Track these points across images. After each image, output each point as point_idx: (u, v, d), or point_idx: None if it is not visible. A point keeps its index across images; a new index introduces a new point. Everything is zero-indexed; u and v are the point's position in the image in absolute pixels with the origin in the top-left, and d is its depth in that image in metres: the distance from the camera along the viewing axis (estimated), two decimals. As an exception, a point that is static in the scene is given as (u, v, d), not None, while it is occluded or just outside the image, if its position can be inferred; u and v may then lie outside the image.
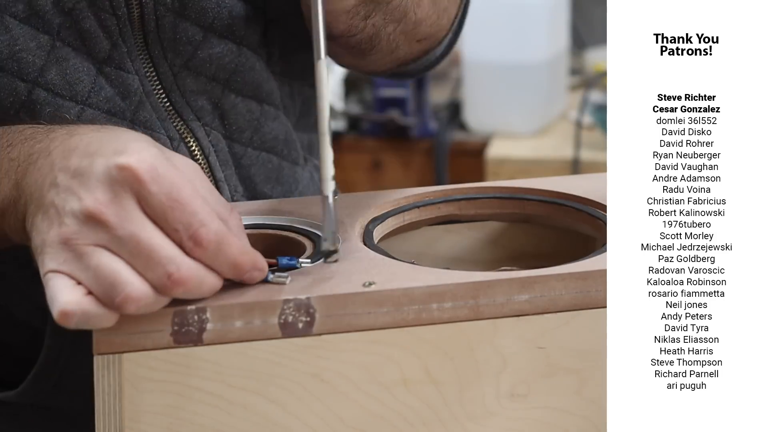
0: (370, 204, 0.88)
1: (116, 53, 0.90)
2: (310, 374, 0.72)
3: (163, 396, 0.71)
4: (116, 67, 0.90)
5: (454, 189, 0.92)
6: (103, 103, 0.89)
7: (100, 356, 0.71)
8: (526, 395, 0.76)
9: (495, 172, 2.12)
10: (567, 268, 0.76)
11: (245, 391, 0.72)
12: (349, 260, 0.78)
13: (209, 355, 0.71)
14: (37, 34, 0.86)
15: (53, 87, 0.87)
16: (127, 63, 0.90)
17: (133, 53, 0.91)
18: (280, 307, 0.71)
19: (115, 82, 0.90)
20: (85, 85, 0.88)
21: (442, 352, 0.74)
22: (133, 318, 0.70)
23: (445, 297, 0.73)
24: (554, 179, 0.93)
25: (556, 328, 0.75)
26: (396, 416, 0.74)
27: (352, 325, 0.72)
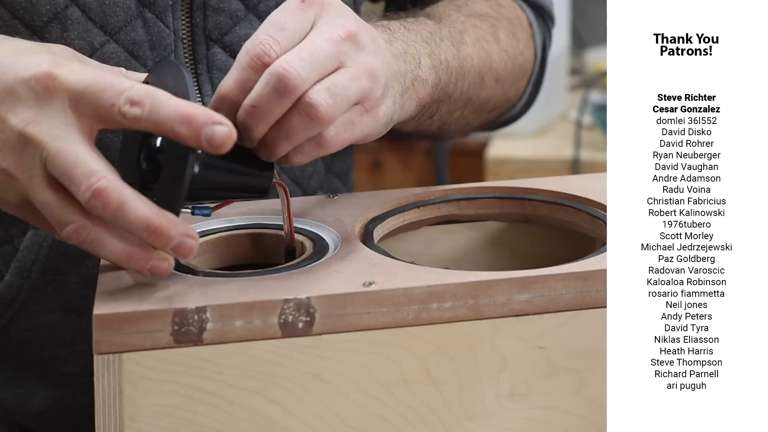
0: (370, 204, 0.88)
1: (161, 1, 0.90)
2: (310, 374, 0.72)
3: (163, 396, 0.71)
4: (157, 15, 0.91)
5: (454, 189, 0.92)
6: (130, 43, 0.90)
7: (100, 356, 0.71)
8: (526, 395, 0.76)
9: (495, 172, 2.12)
10: (567, 268, 0.76)
11: (245, 391, 0.72)
12: (349, 260, 0.78)
13: (209, 355, 0.71)
14: None
15: (88, 10, 0.89)
16: (167, 16, 0.91)
17: (176, 10, 0.92)
18: (280, 307, 0.71)
19: (151, 30, 0.91)
20: (119, 20, 0.89)
21: (442, 352, 0.74)
22: (134, 318, 0.70)
23: (445, 297, 0.73)
24: (554, 179, 0.93)
25: (556, 328, 0.75)
26: (396, 416, 0.74)
27: (352, 325, 0.72)
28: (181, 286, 0.74)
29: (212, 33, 0.93)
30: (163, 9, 0.91)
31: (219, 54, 0.94)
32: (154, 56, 0.91)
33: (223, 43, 0.94)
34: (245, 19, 0.94)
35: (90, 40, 0.89)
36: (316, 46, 0.74)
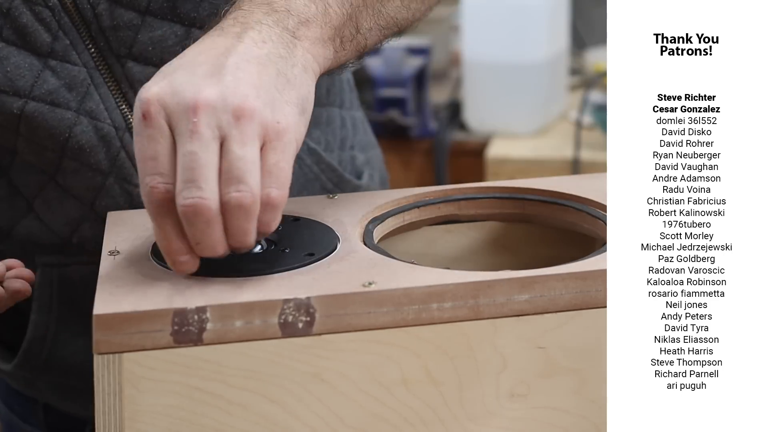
0: (370, 204, 0.88)
1: (59, 46, 0.91)
2: (310, 374, 0.72)
3: (163, 396, 0.71)
4: (61, 59, 0.91)
5: (454, 189, 0.92)
6: (46, 95, 0.91)
7: (100, 356, 0.71)
8: (526, 395, 0.76)
9: (495, 172, 2.12)
10: (567, 268, 0.76)
11: (245, 391, 0.72)
12: (349, 260, 0.78)
13: (209, 355, 0.71)
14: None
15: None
16: (72, 55, 0.92)
17: (78, 45, 0.92)
18: (280, 307, 0.71)
19: (61, 74, 0.92)
20: (27, 80, 0.91)
21: (442, 352, 0.74)
22: (134, 318, 0.70)
23: (445, 297, 0.73)
24: (554, 179, 0.93)
25: (556, 328, 0.75)
26: (396, 416, 0.74)
27: (352, 325, 0.72)
28: (181, 286, 0.73)
29: (119, 50, 0.93)
30: (64, 52, 0.91)
31: (134, 67, 0.93)
32: (75, 96, 0.92)
33: (133, 56, 0.93)
34: (144, 24, 0.93)
35: (9, 107, 0.90)
36: (189, 156, 0.71)
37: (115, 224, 0.85)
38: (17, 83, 0.90)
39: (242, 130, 0.72)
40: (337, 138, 1.07)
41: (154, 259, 0.78)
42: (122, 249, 0.80)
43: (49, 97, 0.91)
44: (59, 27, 0.91)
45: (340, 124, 1.08)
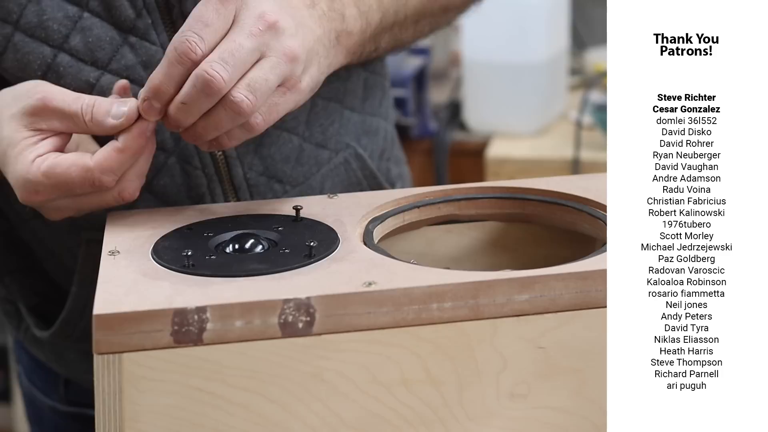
0: (370, 204, 0.88)
1: (141, 23, 0.94)
2: (310, 374, 0.72)
3: (163, 396, 0.71)
4: (141, 37, 0.94)
5: (454, 189, 0.92)
6: (123, 70, 0.93)
7: (100, 356, 0.71)
8: (526, 395, 0.76)
9: (495, 172, 2.12)
10: (567, 268, 0.76)
11: (245, 391, 0.72)
12: (349, 260, 0.78)
13: (209, 355, 0.71)
14: (65, 4, 0.91)
15: (76, 53, 0.92)
16: (152, 34, 0.94)
17: (158, 26, 0.94)
18: (280, 307, 0.71)
19: (139, 52, 0.94)
20: (107, 52, 0.93)
21: (442, 352, 0.74)
22: (134, 318, 0.70)
23: (445, 297, 0.73)
24: (554, 179, 0.93)
25: (556, 328, 0.75)
26: (396, 416, 0.74)
27: (352, 325, 0.72)
28: (181, 286, 0.74)
29: None
30: (144, 30, 0.94)
31: None
32: (149, 74, 0.92)
33: None
34: None
35: (85, 78, 0.92)
36: (237, 45, 0.81)
37: (115, 224, 0.85)
38: (96, 54, 0.92)
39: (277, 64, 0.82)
40: (379, 148, 1.10)
41: (154, 259, 0.78)
42: (122, 249, 0.80)
43: (125, 72, 0.93)
44: (144, 5, 0.93)
45: (383, 136, 1.12)
